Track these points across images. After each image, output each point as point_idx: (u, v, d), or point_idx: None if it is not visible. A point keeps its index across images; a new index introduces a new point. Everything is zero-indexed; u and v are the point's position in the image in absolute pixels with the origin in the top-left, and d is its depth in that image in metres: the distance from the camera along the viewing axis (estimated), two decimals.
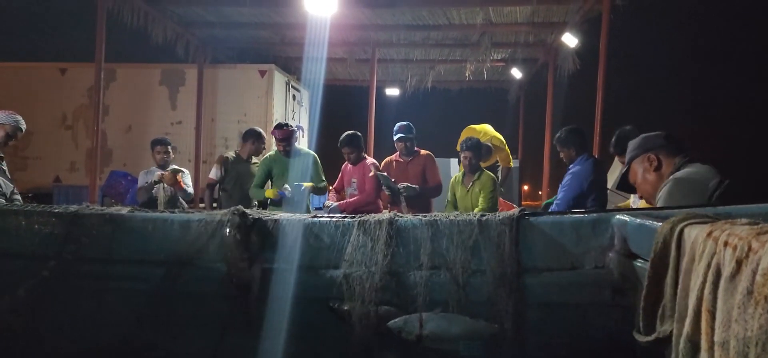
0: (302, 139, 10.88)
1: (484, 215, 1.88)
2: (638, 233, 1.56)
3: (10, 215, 2.06)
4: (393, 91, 15.08)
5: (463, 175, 4.94)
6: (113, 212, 2.04)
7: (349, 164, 5.34)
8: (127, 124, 10.89)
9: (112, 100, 10.60)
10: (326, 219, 2.02)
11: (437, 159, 5.49)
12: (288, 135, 5.11)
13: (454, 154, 5.11)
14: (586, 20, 9.18)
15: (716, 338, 0.91)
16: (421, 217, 1.94)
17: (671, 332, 1.14)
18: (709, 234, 1.04)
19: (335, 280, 1.88)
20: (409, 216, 1.96)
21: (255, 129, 5.86)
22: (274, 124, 5.86)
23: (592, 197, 4.26)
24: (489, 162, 7.69)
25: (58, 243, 1.97)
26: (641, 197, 2.63)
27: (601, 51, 8.32)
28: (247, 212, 2.02)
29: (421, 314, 1.73)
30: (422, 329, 1.71)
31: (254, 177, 5.47)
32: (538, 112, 12.77)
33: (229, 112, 10.73)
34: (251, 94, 10.65)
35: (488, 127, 8.03)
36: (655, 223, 1.42)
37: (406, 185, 4.79)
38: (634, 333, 1.32)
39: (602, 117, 8.41)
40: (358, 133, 5.29)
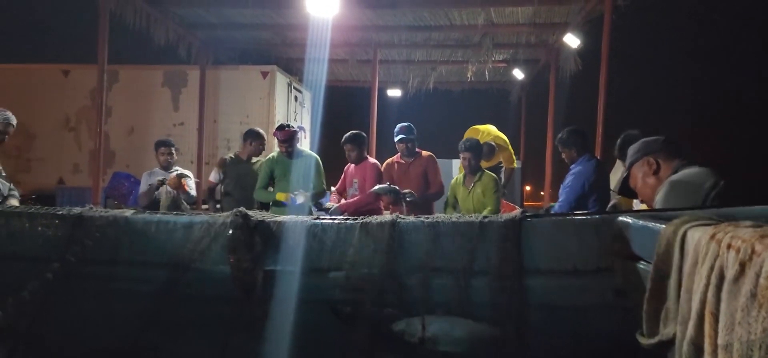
0: (304, 140, 10.89)
1: (486, 216, 1.88)
2: (641, 235, 1.55)
3: (14, 217, 2.07)
4: (395, 92, 15.07)
5: (464, 177, 4.93)
6: (117, 213, 2.04)
7: (351, 165, 5.34)
8: (130, 125, 10.91)
9: (115, 101, 10.62)
10: (329, 221, 2.03)
11: (439, 160, 5.49)
12: (290, 136, 5.11)
13: (456, 155, 5.10)
14: (588, 21, 9.17)
15: (720, 341, 0.91)
16: (424, 219, 1.94)
17: (674, 334, 1.14)
18: (713, 237, 1.04)
19: (338, 282, 1.88)
20: (411, 218, 1.95)
21: (254, 129, 5.87)
22: (276, 125, 5.88)
23: (594, 197, 4.25)
24: (492, 162, 7.67)
25: (61, 245, 1.97)
26: (642, 201, 2.64)
27: (603, 51, 8.31)
28: (250, 213, 2.02)
29: (424, 317, 1.73)
30: (425, 332, 1.71)
31: (254, 177, 5.47)
32: (540, 113, 12.77)
33: (232, 114, 10.74)
34: (253, 95, 10.67)
35: (491, 128, 8.03)
36: (658, 225, 1.42)
37: (409, 193, 4.77)
38: (637, 336, 1.31)
39: (604, 118, 8.39)
40: (362, 133, 5.29)
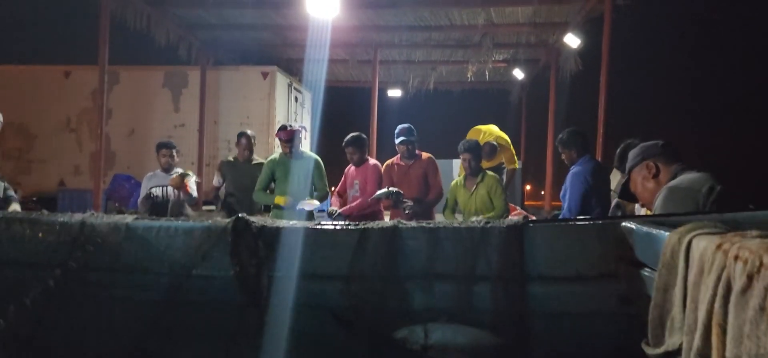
0: (305, 141, 10.89)
1: (489, 222, 1.87)
2: (645, 242, 1.54)
3: (15, 223, 2.06)
4: (395, 93, 15.07)
5: (465, 179, 4.91)
6: (118, 220, 2.03)
7: (352, 166, 5.33)
8: (131, 127, 10.91)
9: (116, 103, 10.62)
10: (330, 226, 2.02)
11: (439, 161, 5.48)
12: (292, 135, 5.13)
13: (456, 156, 5.09)
14: (588, 20, 9.17)
15: (728, 353, 0.90)
16: (425, 224, 1.93)
17: (680, 345, 1.13)
18: (719, 247, 1.03)
19: (339, 288, 1.87)
20: (413, 223, 1.94)
21: (243, 131, 5.87)
22: (278, 125, 5.88)
23: (595, 198, 4.24)
24: (494, 162, 7.66)
25: (63, 252, 1.96)
26: (643, 205, 2.65)
27: (604, 51, 8.30)
28: (252, 219, 2.01)
29: (426, 325, 1.72)
30: (427, 339, 1.70)
31: (252, 178, 5.51)
32: (541, 113, 12.77)
33: (232, 115, 10.74)
34: (254, 96, 10.67)
35: (493, 128, 8.01)
36: (662, 232, 1.41)
37: (410, 203, 4.75)
38: (643, 345, 1.31)
39: (605, 117, 8.39)
40: (363, 135, 5.28)
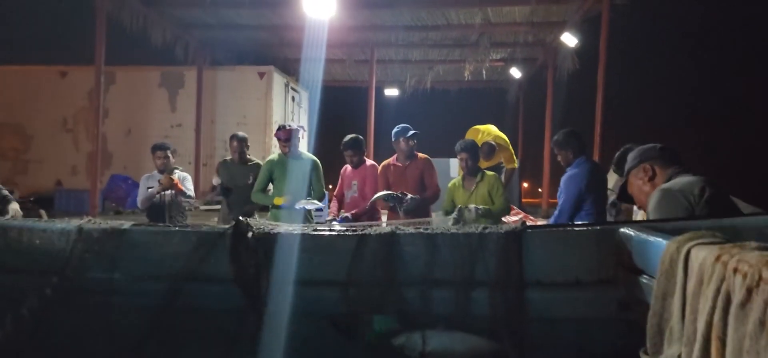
0: (303, 140, 10.88)
1: (487, 227, 1.87)
2: (643, 248, 1.54)
3: (11, 230, 2.05)
4: (392, 92, 15.07)
5: (463, 179, 4.90)
6: (116, 226, 2.02)
7: (347, 167, 5.32)
8: (127, 127, 10.90)
9: (112, 103, 10.61)
10: (327, 232, 2.01)
11: (436, 159, 5.47)
12: (290, 134, 5.14)
13: (453, 154, 5.08)
14: (586, 20, 9.18)
15: None
16: (423, 230, 1.92)
17: (679, 355, 1.13)
18: (718, 258, 1.03)
19: (337, 294, 1.86)
20: (411, 229, 1.94)
21: (234, 133, 5.92)
22: (275, 125, 5.90)
23: (591, 199, 4.24)
24: (492, 162, 7.67)
25: (60, 259, 1.95)
26: (640, 208, 2.67)
27: (601, 50, 8.32)
28: (250, 222, 2.00)
29: (424, 332, 1.72)
30: (425, 346, 1.70)
31: (244, 177, 5.58)
32: (538, 112, 12.78)
33: (229, 114, 10.74)
34: (250, 95, 10.67)
35: (492, 127, 8.02)
36: (661, 239, 1.41)
37: (410, 197, 4.75)
38: (641, 354, 1.31)
39: (602, 116, 8.41)
40: (360, 137, 5.28)
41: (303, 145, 6.63)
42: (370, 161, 5.38)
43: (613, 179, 4.68)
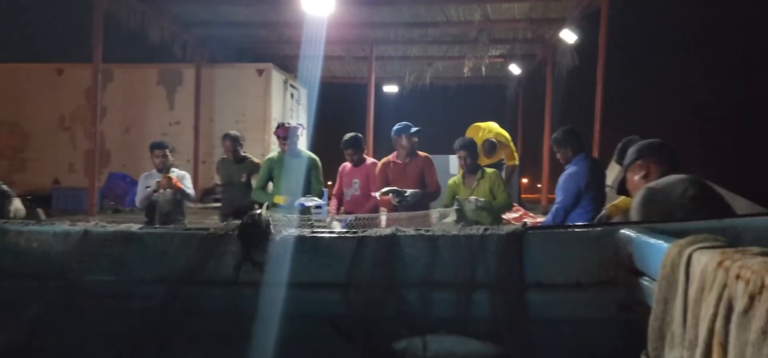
0: (302, 137, 10.86)
1: (488, 229, 1.86)
2: (644, 250, 1.54)
3: (13, 233, 2.04)
4: (391, 88, 15.05)
5: (463, 177, 4.90)
6: (123, 229, 2.01)
7: (347, 165, 5.32)
8: (125, 125, 10.87)
9: (110, 101, 10.56)
10: (327, 234, 2.01)
11: (436, 156, 5.47)
12: (288, 133, 5.15)
13: (452, 151, 5.08)
14: (585, 16, 9.16)
15: None
16: (423, 232, 1.92)
17: None
18: (720, 264, 1.02)
19: (337, 296, 1.86)
20: (411, 231, 1.94)
21: (226, 132, 5.97)
22: (273, 122, 5.91)
23: (590, 196, 4.24)
24: (494, 159, 7.68)
25: (63, 262, 1.95)
26: None
27: (600, 47, 8.31)
28: (256, 219, 1.99)
29: (425, 337, 1.72)
30: (426, 351, 1.69)
31: (238, 175, 5.68)
32: (537, 108, 12.78)
33: (228, 112, 10.70)
34: (249, 93, 10.63)
35: (493, 125, 8.02)
36: (662, 242, 1.41)
37: (411, 192, 4.74)
38: (642, 357, 1.30)
39: (601, 112, 8.41)
40: (360, 135, 5.30)
41: (302, 143, 6.63)
42: (370, 159, 5.37)
43: (615, 170, 4.68)
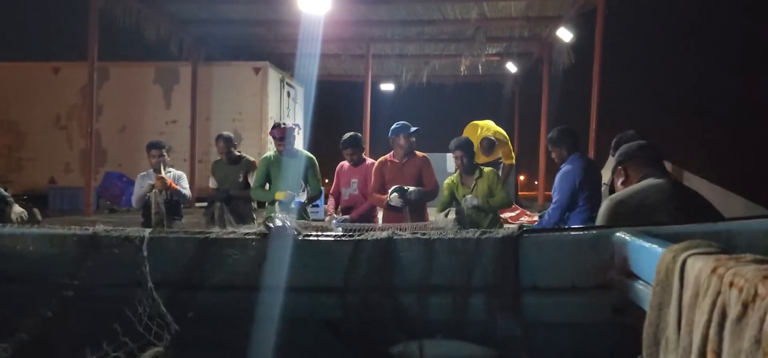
0: (299, 137, 10.85)
1: (484, 232, 1.87)
2: (638, 254, 1.54)
3: (21, 236, 2.03)
4: (388, 86, 15.05)
5: (461, 176, 4.90)
6: (131, 233, 2.00)
7: (344, 165, 5.32)
8: (122, 124, 10.83)
9: (106, 99, 10.53)
10: (323, 238, 2.01)
11: (433, 154, 5.49)
12: (285, 133, 5.14)
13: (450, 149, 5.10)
14: (581, 14, 9.17)
15: None
16: (419, 235, 1.92)
17: None
18: (714, 270, 1.03)
19: (334, 300, 1.86)
20: (408, 234, 1.94)
21: (219, 133, 5.95)
22: (270, 121, 5.90)
23: (585, 195, 4.26)
24: (492, 158, 7.70)
25: (70, 266, 1.94)
26: None
27: (597, 45, 8.33)
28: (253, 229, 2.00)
29: (422, 342, 1.72)
30: (423, 355, 1.70)
31: (234, 175, 5.66)
32: (534, 106, 12.80)
33: (224, 110, 10.67)
34: (246, 91, 10.61)
35: (490, 123, 8.04)
36: (656, 247, 1.41)
37: (414, 188, 4.75)
38: None
39: (598, 110, 8.43)
40: (359, 135, 5.31)
41: (299, 141, 6.63)
42: (369, 160, 5.38)
43: (606, 174, 4.69)
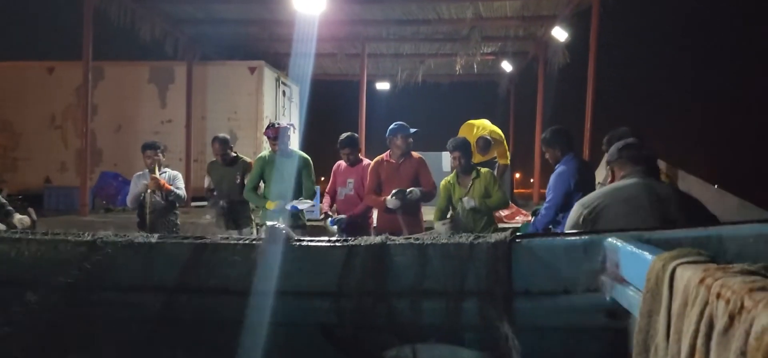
0: (293, 136, 10.83)
1: (477, 237, 1.88)
2: (629, 260, 1.55)
3: (19, 242, 2.03)
4: (383, 86, 15.04)
5: (457, 176, 4.91)
6: (133, 239, 2.01)
7: (341, 164, 5.32)
8: (117, 123, 10.79)
9: (101, 99, 10.49)
10: (316, 243, 2.02)
11: (428, 153, 5.50)
12: (279, 133, 5.14)
13: (445, 148, 5.10)
14: (576, 14, 9.18)
15: None
16: (413, 240, 1.93)
17: None
18: (702, 281, 1.04)
19: (328, 305, 1.87)
20: (401, 239, 1.95)
21: (215, 135, 5.95)
22: (266, 120, 5.89)
23: (579, 195, 4.28)
24: (488, 157, 7.71)
25: (68, 271, 1.94)
26: None
27: (592, 44, 8.34)
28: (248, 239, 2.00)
29: (415, 346, 1.73)
30: None
31: (230, 176, 5.68)
32: (529, 105, 12.82)
33: (220, 110, 10.65)
34: (241, 91, 10.58)
35: (486, 122, 8.06)
36: (646, 254, 1.43)
37: (415, 189, 4.77)
38: None
39: (593, 109, 8.45)
40: (356, 135, 5.32)
41: (294, 141, 6.62)
42: (366, 160, 5.38)
43: (600, 175, 4.71)
